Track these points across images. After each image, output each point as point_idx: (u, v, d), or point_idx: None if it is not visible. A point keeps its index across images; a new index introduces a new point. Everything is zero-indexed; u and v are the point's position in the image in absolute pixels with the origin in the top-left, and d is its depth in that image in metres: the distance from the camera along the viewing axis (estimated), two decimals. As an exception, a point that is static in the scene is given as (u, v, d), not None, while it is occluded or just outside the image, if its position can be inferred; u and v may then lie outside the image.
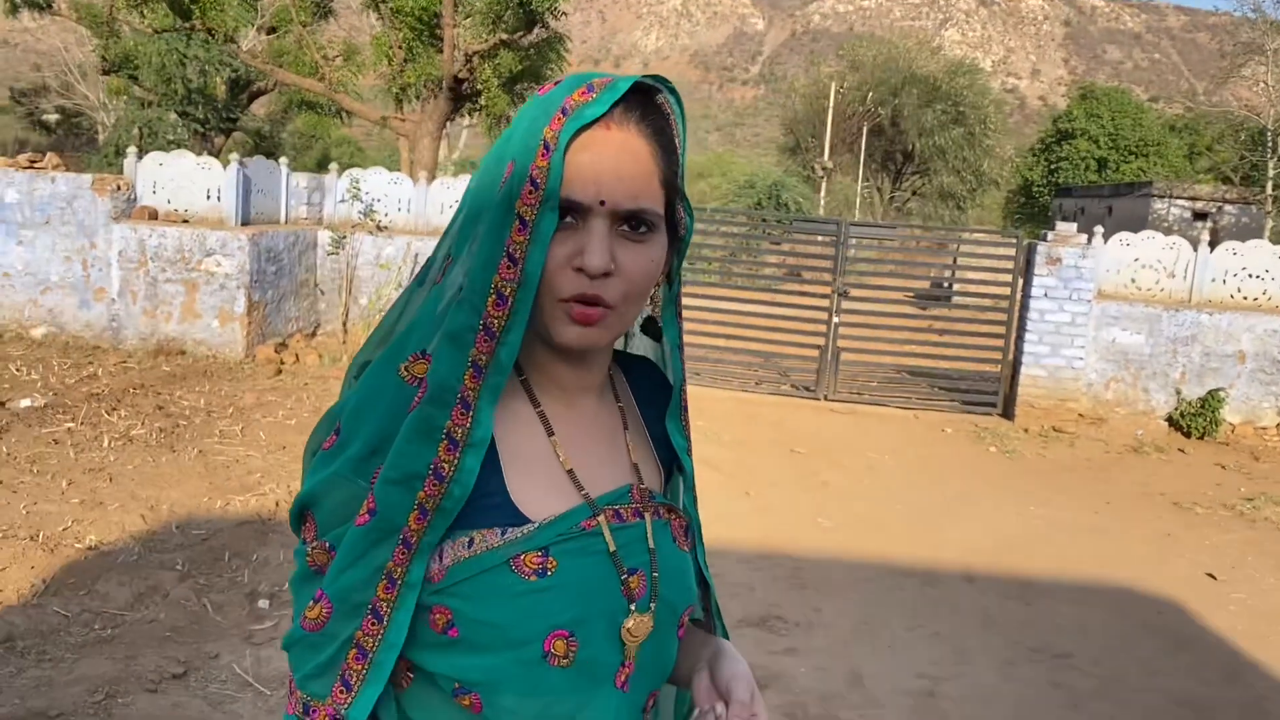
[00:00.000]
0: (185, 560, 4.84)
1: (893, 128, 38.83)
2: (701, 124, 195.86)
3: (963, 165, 38.10)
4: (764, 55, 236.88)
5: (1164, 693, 4.38)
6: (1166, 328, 9.82)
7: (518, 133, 0.98)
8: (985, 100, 39.00)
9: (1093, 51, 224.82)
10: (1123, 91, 46.49)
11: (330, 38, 20.35)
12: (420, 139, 15.43)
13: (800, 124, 41.27)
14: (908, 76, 37.96)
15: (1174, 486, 8.11)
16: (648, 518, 1.07)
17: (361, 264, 10.72)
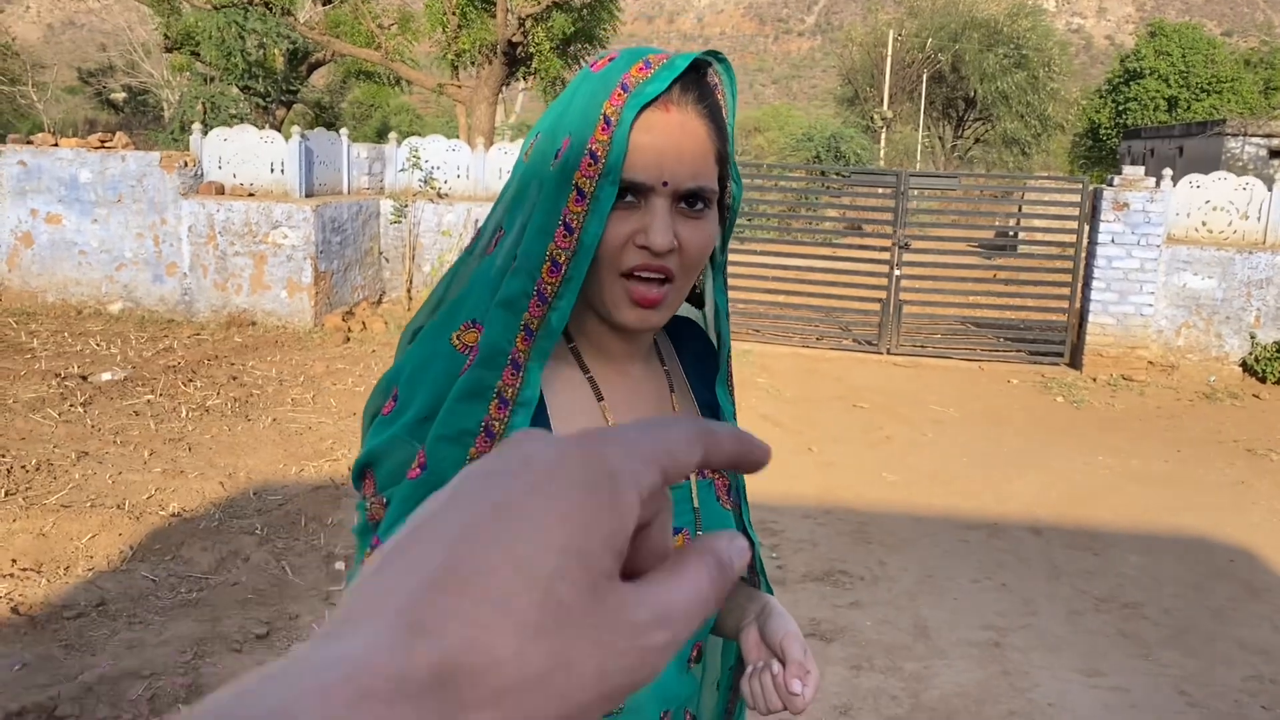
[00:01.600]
0: (263, 525, 5.02)
1: (953, 74, 37.94)
2: (757, 77, 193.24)
3: (1026, 110, 37.12)
4: (820, 4, 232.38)
5: (1236, 640, 4.35)
6: (1240, 271, 9.56)
7: (573, 108, 1.01)
8: (1049, 42, 37.87)
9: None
10: (1194, 27, 44.84)
11: (385, 6, 20.46)
12: (477, 105, 15.50)
13: (858, 74, 40.51)
14: (968, 21, 36.99)
15: (1248, 433, 7.94)
16: (692, 478, 1.09)
17: (423, 231, 10.85)
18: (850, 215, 14.34)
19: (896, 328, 10.50)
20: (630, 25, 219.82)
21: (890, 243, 10.52)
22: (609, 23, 16.36)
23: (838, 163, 25.07)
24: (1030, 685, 3.89)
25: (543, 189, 1.00)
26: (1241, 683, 3.99)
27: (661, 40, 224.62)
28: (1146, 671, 4.04)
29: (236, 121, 15.38)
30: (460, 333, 1.02)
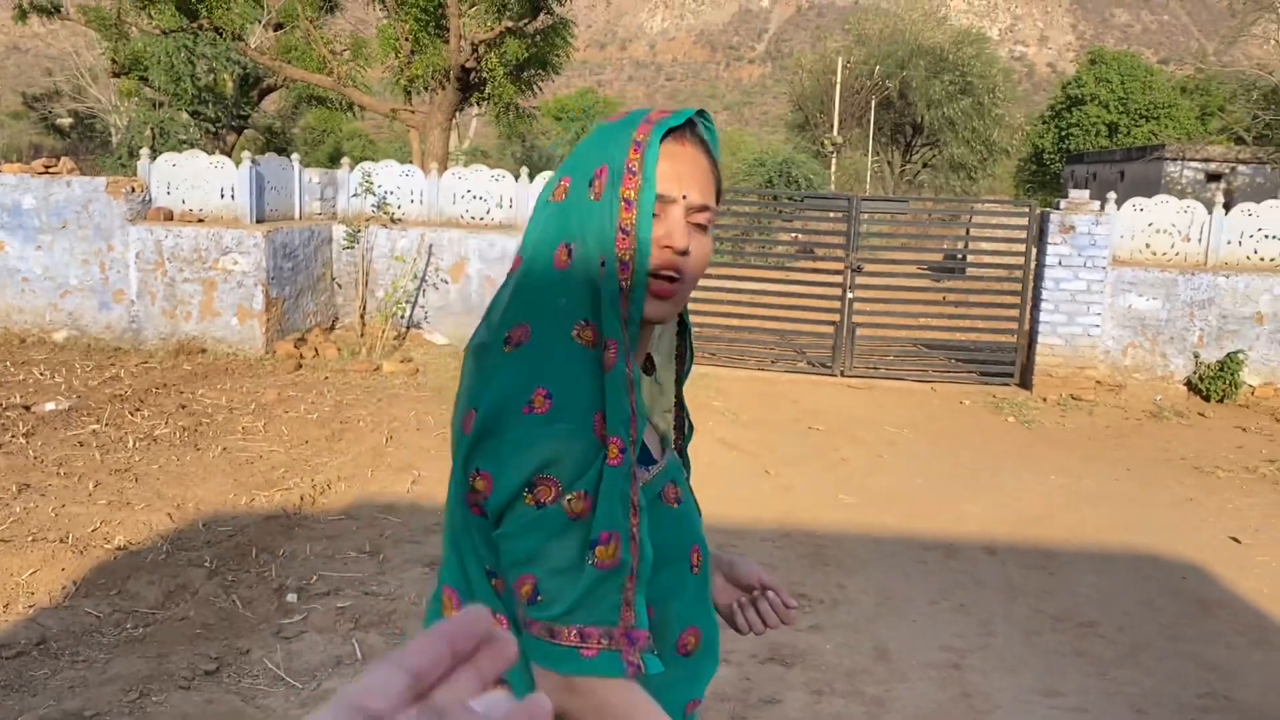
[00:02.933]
0: (213, 557, 4.91)
1: (901, 100, 38.57)
2: (710, 104, 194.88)
3: (972, 135, 37.82)
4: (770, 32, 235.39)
5: (1189, 658, 4.40)
6: (1183, 292, 9.77)
7: (600, 145, 1.22)
8: (993, 69, 38.66)
9: (1100, 15, 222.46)
10: (1132, 55, 46.00)
11: (337, 32, 20.36)
12: (430, 130, 15.45)
13: (808, 100, 41.04)
14: (914, 48, 37.66)
15: (1195, 450, 8.09)
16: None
17: (376, 257, 10.77)
18: (803, 239, 14.47)
19: (850, 350, 10.59)
20: (584, 52, 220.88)
21: (843, 266, 10.62)
22: (562, 49, 16.40)
23: (790, 188, 25.31)
24: (990, 707, 3.90)
25: (594, 207, 1.19)
26: (1196, 699, 4.03)
27: (615, 66, 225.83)
28: (1103, 690, 4.07)
29: (186, 147, 15.18)
30: (579, 329, 1.15)
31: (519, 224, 10.86)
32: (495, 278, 10.64)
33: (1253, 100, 26.01)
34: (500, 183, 10.98)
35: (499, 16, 14.79)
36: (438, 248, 10.72)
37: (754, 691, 3.91)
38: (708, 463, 7.11)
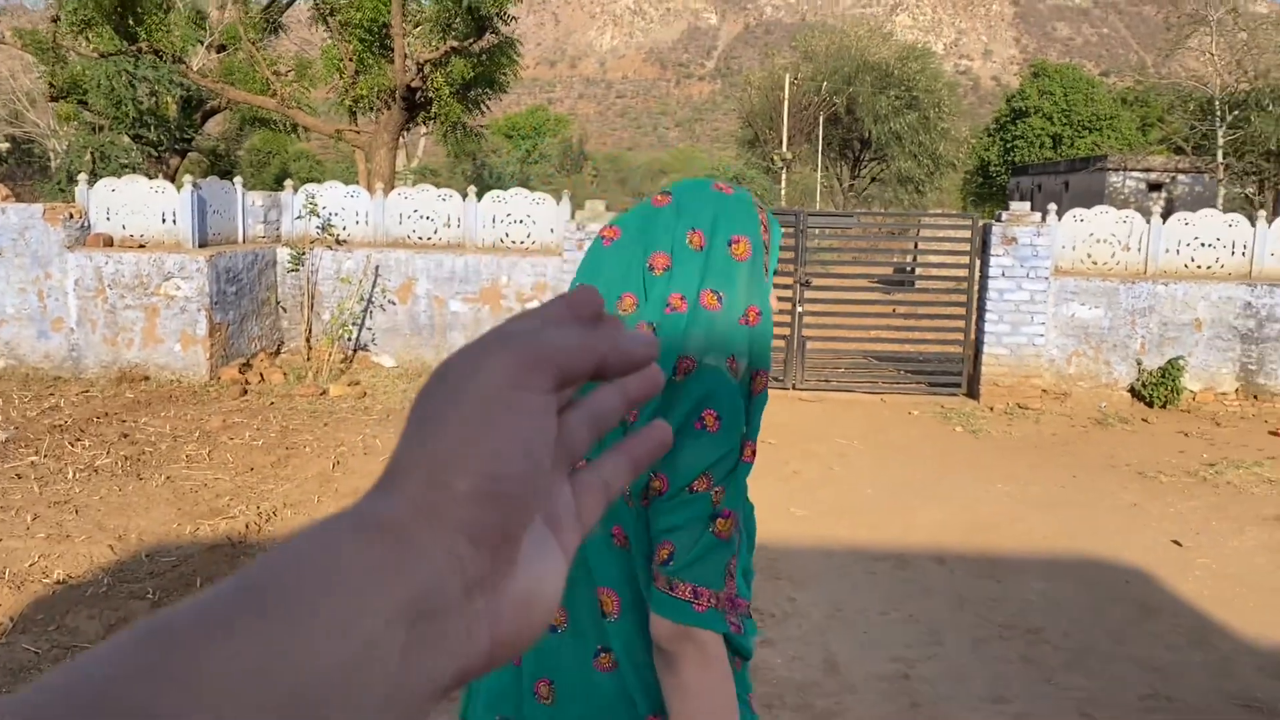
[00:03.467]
0: (156, 588, 4.81)
1: (848, 115, 39.02)
2: (661, 121, 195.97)
3: (919, 149, 38.34)
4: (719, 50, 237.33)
5: (1133, 660, 4.46)
6: (1124, 300, 9.96)
7: (751, 216, 1.51)
8: (938, 84, 39.25)
9: (1043, 29, 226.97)
10: (1074, 68, 47.00)
11: (281, 53, 20.21)
12: (376, 150, 15.36)
13: (758, 116, 41.38)
14: (860, 64, 38.14)
15: (1139, 456, 8.23)
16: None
17: (322, 279, 10.66)
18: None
19: (801, 363, 10.65)
20: (533, 70, 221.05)
21: (792, 280, 10.69)
22: (509, 68, 16.41)
23: (740, 203, 25.49)
24: (938, 716, 3.92)
25: (763, 277, 1.53)
26: (1139, 701, 4.09)
27: (565, 84, 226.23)
28: (1049, 696, 4.11)
29: (127, 171, 14.96)
30: (730, 364, 1.40)
31: (467, 243, 10.82)
32: (444, 298, 10.59)
33: (1189, 111, 26.68)
34: (448, 202, 10.93)
35: (444, 36, 14.78)
36: (384, 268, 10.64)
37: (705, 709, 3.90)
38: (660, 479, 7.11)
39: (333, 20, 15.15)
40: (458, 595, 0.35)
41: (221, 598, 0.31)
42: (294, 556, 0.33)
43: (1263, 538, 6.24)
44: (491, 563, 0.36)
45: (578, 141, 52.76)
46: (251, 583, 0.31)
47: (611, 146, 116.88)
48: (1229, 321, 9.92)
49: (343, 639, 0.31)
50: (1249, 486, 7.38)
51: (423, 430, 0.37)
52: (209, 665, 0.29)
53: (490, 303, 10.53)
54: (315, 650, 0.30)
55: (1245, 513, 6.74)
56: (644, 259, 1.44)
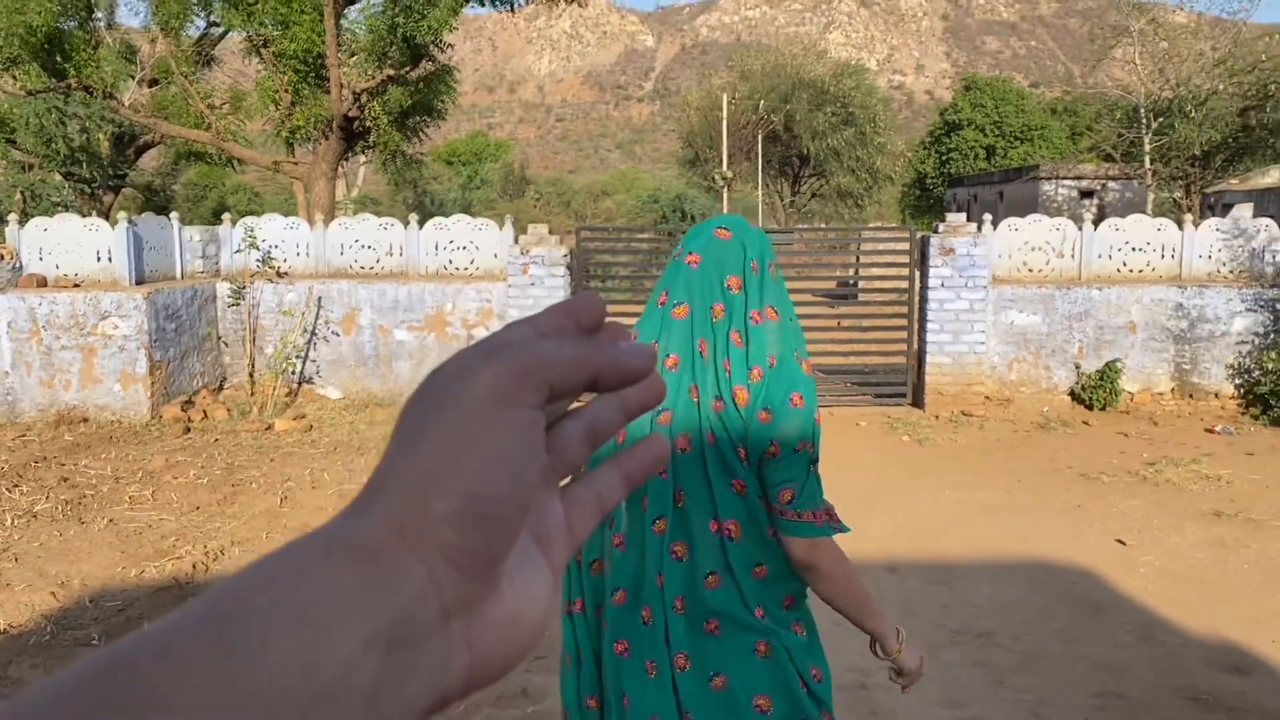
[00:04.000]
0: (101, 634, 4.71)
1: (787, 133, 39.49)
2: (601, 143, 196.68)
3: (857, 164, 38.89)
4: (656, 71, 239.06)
5: (1083, 660, 4.54)
6: (1060, 306, 10.18)
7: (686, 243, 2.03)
8: (873, 99, 39.88)
9: (972, 43, 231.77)
10: (1004, 80, 48.02)
11: (215, 86, 19.98)
12: (315, 181, 15.24)
13: (697, 136, 41.71)
14: (796, 82, 38.66)
15: (1081, 458, 8.40)
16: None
17: (264, 313, 10.54)
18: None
19: (749, 380, 10.71)
20: (472, 95, 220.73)
21: (737, 298, 10.77)
22: (446, 95, 16.38)
23: (684, 222, 25.64)
24: (895, 723, 3.96)
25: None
26: (1090, 699, 4.16)
27: (504, 109, 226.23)
28: (1002, 699, 4.17)
29: (59, 210, 14.69)
30: (799, 358, 1.92)
31: (411, 271, 10.76)
32: (389, 327, 10.52)
33: (1116, 119, 27.34)
34: (389, 231, 10.88)
35: (380, 65, 14.73)
36: (327, 300, 10.55)
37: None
38: (612, 501, 7.10)
39: (266, 52, 15.02)
40: (435, 620, 0.34)
41: (184, 628, 0.30)
42: (262, 581, 0.31)
43: (1201, 533, 6.39)
44: (472, 586, 0.35)
45: (519, 166, 52.77)
46: (216, 611, 0.30)
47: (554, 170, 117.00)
48: (1162, 323, 10.18)
49: (313, 671, 0.30)
50: (1187, 483, 7.56)
51: (404, 445, 0.35)
52: (172, 701, 0.28)
53: (436, 330, 10.48)
54: (284, 684, 0.29)
55: (1185, 509, 6.91)
56: (721, 280, 1.91)
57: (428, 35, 14.02)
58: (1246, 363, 10.12)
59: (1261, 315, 10.09)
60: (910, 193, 47.29)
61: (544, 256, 10.35)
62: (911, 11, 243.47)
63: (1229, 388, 10.20)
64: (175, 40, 15.79)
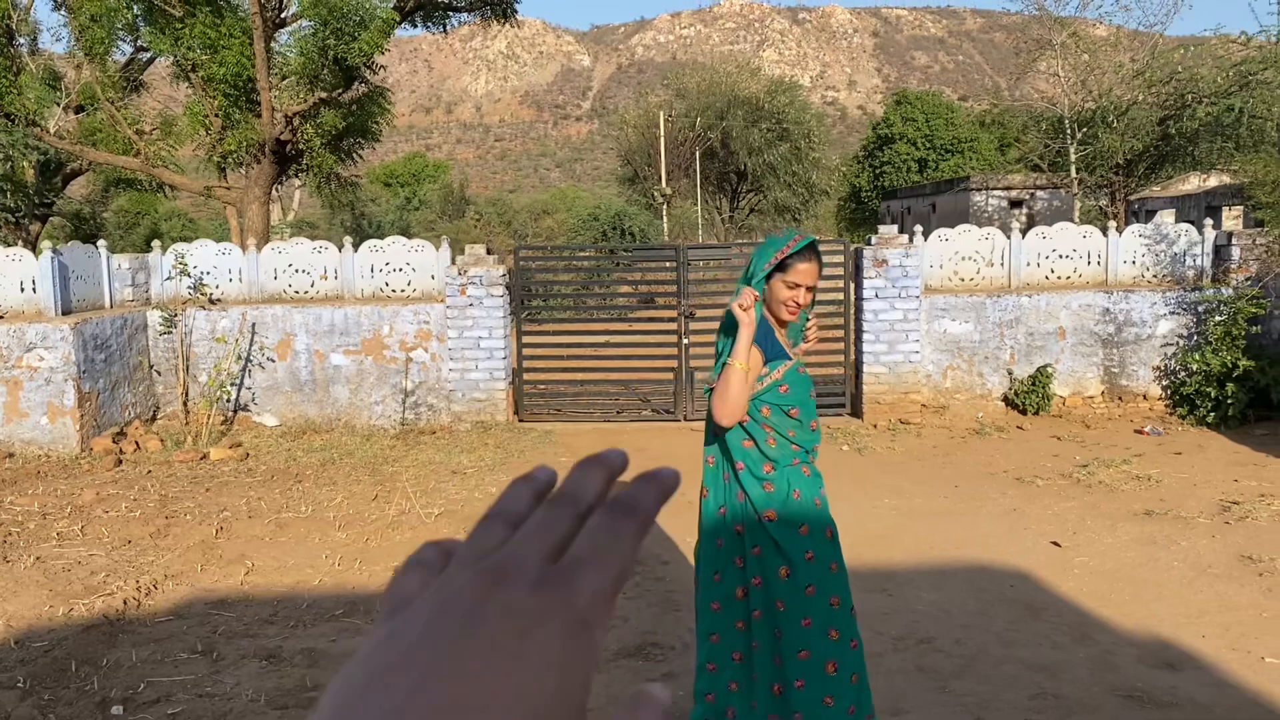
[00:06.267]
0: (27, 676, 4.57)
1: (724, 149, 39.83)
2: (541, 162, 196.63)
3: (793, 179, 39.35)
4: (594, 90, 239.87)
5: (1021, 662, 4.61)
6: (991, 314, 10.37)
7: (766, 248, 3.27)
8: (807, 115, 40.40)
9: (902, 59, 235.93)
10: (934, 94, 48.95)
11: (144, 111, 19.63)
12: (248, 205, 15.03)
13: (635, 154, 41.90)
14: (732, 99, 39.03)
15: (1015, 462, 8.55)
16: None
17: (197, 340, 10.35)
18: (642, 289, 14.69)
19: (691, 394, 10.77)
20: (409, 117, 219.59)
21: (676, 314, 10.83)
22: (380, 117, 16.28)
23: (624, 240, 25.72)
24: (839, 732, 3.98)
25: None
26: (1029, 701, 4.22)
27: (442, 130, 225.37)
28: (943, 703, 4.22)
29: (-19, 240, 14.30)
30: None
31: (346, 295, 10.65)
32: (325, 351, 10.39)
33: (1043, 130, 27.95)
34: (323, 254, 10.76)
35: (312, 88, 14.59)
36: (261, 326, 10.39)
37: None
38: (555, 520, 7.07)
39: (195, 76, 14.80)
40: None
41: None
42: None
43: (1134, 532, 6.54)
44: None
45: (459, 186, 52.54)
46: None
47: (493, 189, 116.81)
48: (1090, 328, 10.42)
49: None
50: (1119, 484, 7.73)
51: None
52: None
53: (373, 354, 10.38)
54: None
55: (1117, 510, 7.06)
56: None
57: (359, 57, 13.92)
58: (1172, 364, 10.39)
59: (1185, 318, 10.37)
60: (846, 206, 47.94)
61: (482, 277, 10.30)
62: (842, 29, 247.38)
63: (1156, 389, 10.46)
64: (101, 66, 15.48)
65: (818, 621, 3.08)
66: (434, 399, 10.43)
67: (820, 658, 3.05)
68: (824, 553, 3.15)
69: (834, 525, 3.24)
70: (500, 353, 10.36)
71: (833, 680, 3.05)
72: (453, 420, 10.38)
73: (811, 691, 3.03)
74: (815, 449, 3.32)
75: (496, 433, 10.04)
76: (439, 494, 7.70)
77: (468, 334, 10.34)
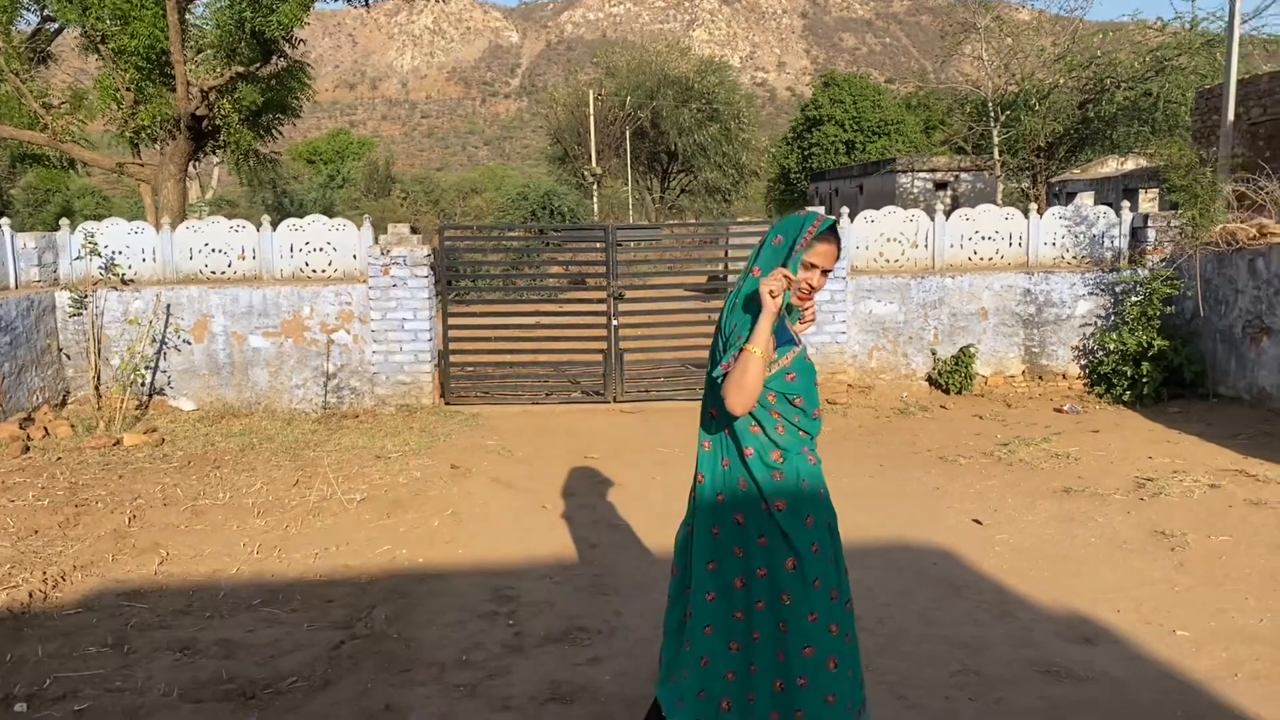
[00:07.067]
0: (-76, 675, 4.36)
1: (654, 129, 39.76)
2: (469, 140, 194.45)
3: (723, 160, 39.47)
4: (522, 67, 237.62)
5: (943, 639, 4.66)
6: (916, 295, 10.49)
7: (784, 228, 3.11)
8: (737, 96, 40.52)
9: (830, 40, 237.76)
10: (861, 77, 49.35)
11: (53, 84, 18.88)
12: (163, 182, 14.57)
13: (565, 133, 41.63)
14: (662, 78, 38.96)
15: (939, 442, 8.67)
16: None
17: (109, 322, 10.01)
18: (572, 270, 14.58)
19: (620, 376, 10.72)
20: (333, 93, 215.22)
21: (605, 295, 10.76)
22: (301, 92, 15.87)
23: (554, 219, 25.53)
24: (764, 714, 3.98)
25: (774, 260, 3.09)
26: (950, 678, 4.27)
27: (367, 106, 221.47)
28: (867, 682, 4.23)
29: (-123, 217, 13.63)
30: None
31: (265, 275, 10.38)
32: (243, 334, 10.12)
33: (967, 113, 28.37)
34: (241, 233, 10.46)
35: (229, 62, 14.17)
36: (177, 307, 10.08)
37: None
38: (483, 503, 6.99)
39: (105, 48, 14.26)
40: None
41: None
42: None
43: (1052, 509, 6.67)
44: None
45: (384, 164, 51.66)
46: None
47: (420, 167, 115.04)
48: (1011, 309, 10.60)
49: None
50: (1039, 462, 7.89)
51: None
52: None
53: (293, 336, 10.14)
54: None
55: (1037, 487, 7.20)
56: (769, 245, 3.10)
57: (278, 30, 13.55)
58: (1090, 344, 10.62)
59: (1103, 298, 10.61)
60: (775, 187, 48.23)
61: (406, 257, 10.12)
62: (771, 9, 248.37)
63: (1075, 368, 10.70)
64: (4, 36, 14.85)
65: (822, 616, 3.02)
66: (357, 382, 10.24)
67: (823, 654, 3.00)
68: (826, 546, 3.10)
69: (835, 517, 3.20)
70: (425, 334, 10.20)
71: (833, 677, 3.00)
72: (377, 404, 10.20)
73: (816, 689, 2.97)
74: (816, 438, 3.23)
75: (422, 416, 9.89)
76: (362, 479, 7.55)
77: (391, 315, 10.15)
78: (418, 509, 6.81)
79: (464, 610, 5.11)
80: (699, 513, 3.21)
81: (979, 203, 18.72)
